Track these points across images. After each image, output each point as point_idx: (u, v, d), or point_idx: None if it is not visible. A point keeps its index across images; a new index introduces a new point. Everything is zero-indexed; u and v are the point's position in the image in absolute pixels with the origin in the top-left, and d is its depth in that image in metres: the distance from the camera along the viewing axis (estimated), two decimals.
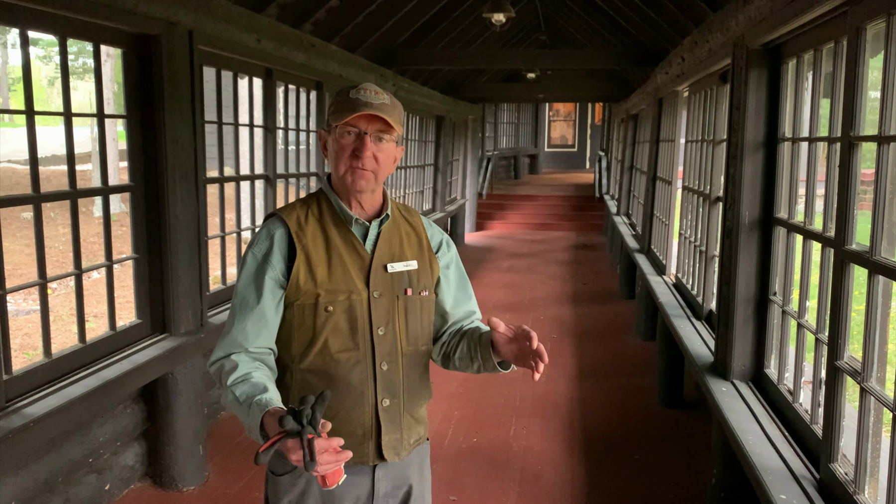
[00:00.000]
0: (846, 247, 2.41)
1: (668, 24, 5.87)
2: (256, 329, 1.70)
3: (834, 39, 2.66)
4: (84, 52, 22.57)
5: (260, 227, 1.80)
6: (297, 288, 1.70)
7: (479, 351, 1.80)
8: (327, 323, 1.70)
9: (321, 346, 1.70)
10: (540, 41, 11.95)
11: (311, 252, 1.72)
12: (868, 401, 2.22)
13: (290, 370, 1.74)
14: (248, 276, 1.73)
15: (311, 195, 1.83)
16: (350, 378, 1.72)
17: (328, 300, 1.70)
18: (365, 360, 1.73)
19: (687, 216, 5.38)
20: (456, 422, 4.78)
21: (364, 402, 1.73)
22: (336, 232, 1.75)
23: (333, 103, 1.74)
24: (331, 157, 1.75)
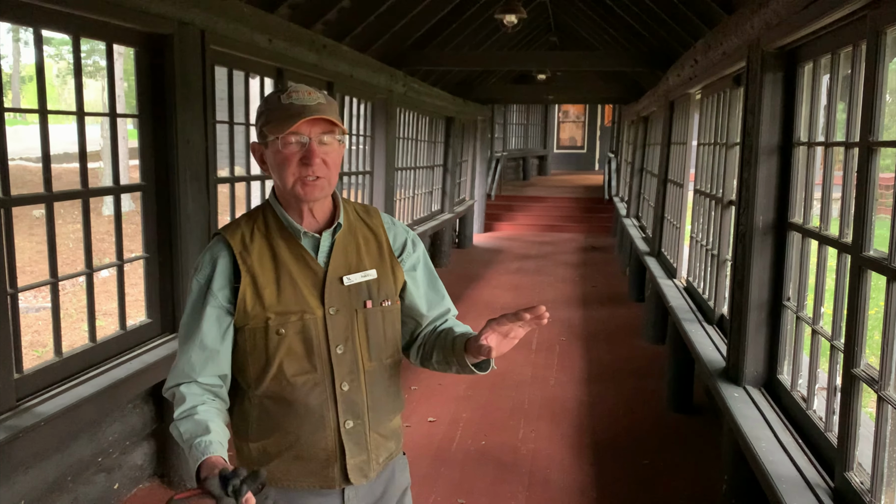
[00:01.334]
0: (863, 253, 2.38)
1: (681, 27, 5.84)
2: (202, 360, 1.63)
3: (852, 43, 2.63)
4: (95, 51, 22.66)
5: (206, 249, 1.68)
6: (245, 313, 1.61)
7: (453, 356, 1.72)
8: (280, 346, 1.61)
9: (276, 370, 1.62)
10: (550, 42, 11.92)
11: (257, 273, 1.62)
12: (885, 409, 2.19)
13: (248, 396, 1.67)
14: (190, 305, 1.65)
15: (257, 208, 1.72)
16: (309, 402, 1.63)
17: (279, 323, 1.61)
18: (323, 382, 1.64)
19: (698, 220, 5.35)
20: (464, 425, 4.76)
21: (325, 425, 1.64)
22: (284, 247, 1.64)
23: (264, 111, 1.61)
24: (273, 170, 1.62)
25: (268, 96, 1.64)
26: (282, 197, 1.67)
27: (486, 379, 5.65)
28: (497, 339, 1.61)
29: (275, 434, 1.65)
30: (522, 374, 5.84)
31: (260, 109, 1.64)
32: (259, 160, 1.68)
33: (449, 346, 1.74)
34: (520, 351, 6.47)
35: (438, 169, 10.87)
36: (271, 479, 1.63)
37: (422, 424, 4.75)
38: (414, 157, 9.20)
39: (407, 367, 6.08)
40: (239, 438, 1.71)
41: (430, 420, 4.82)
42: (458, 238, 12.83)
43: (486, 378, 5.67)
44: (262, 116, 1.62)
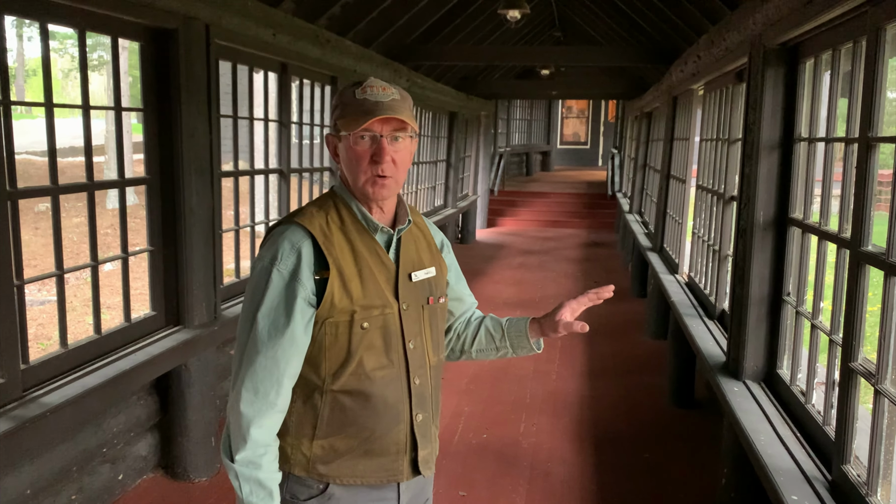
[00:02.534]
0: (862, 248, 2.40)
1: (684, 23, 5.84)
2: (287, 356, 1.56)
3: (853, 39, 2.64)
4: (100, 45, 22.70)
5: (276, 238, 1.62)
6: (332, 305, 1.58)
7: (509, 338, 1.86)
8: (363, 340, 1.61)
9: (356, 364, 1.61)
10: (554, 38, 11.91)
11: (342, 265, 1.59)
12: (882, 403, 2.21)
13: (321, 391, 1.62)
14: (275, 297, 1.56)
15: (325, 199, 1.70)
16: (386, 396, 1.64)
17: (363, 316, 1.60)
18: (400, 377, 1.66)
19: (700, 215, 5.36)
20: (466, 418, 4.79)
21: (400, 419, 1.67)
22: (360, 241, 1.64)
23: (339, 105, 1.62)
24: (345, 164, 1.63)
25: (343, 90, 1.63)
26: (354, 191, 1.66)
27: (488, 373, 5.68)
28: (570, 315, 1.80)
29: (348, 430, 1.63)
30: (524, 368, 5.87)
31: (335, 103, 1.64)
32: (332, 152, 1.67)
33: (498, 332, 1.88)
34: None
35: (442, 164, 10.89)
36: (336, 477, 1.63)
37: None
38: (417, 152, 9.22)
39: None
40: (299, 437, 1.64)
41: None
42: (461, 233, 12.85)
43: (488, 372, 5.70)
44: (337, 110, 1.62)
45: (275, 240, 1.61)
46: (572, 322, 1.78)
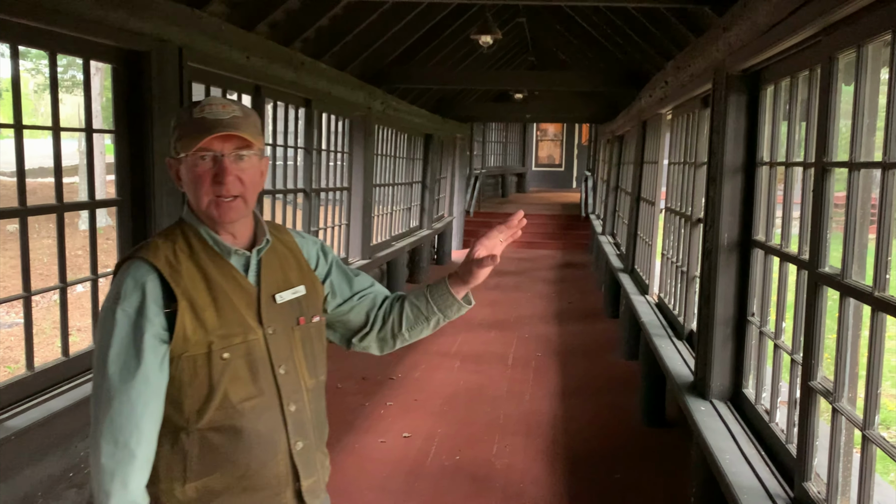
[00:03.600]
0: (819, 269, 2.47)
1: (653, 49, 5.98)
2: (143, 399, 1.46)
3: (809, 67, 2.74)
4: (73, 66, 22.57)
5: (119, 276, 1.52)
6: (185, 339, 1.49)
7: (435, 304, 1.78)
8: (225, 372, 1.52)
9: (221, 398, 1.51)
10: (528, 62, 12.09)
11: (193, 295, 1.51)
12: (839, 421, 2.27)
13: (186, 430, 1.52)
14: (122, 338, 1.47)
15: (173, 229, 1.60)
16: (259, 428, 1.55)
17: (223, 346, 1.52)
18: (272, 405, 1.57)
19: (669, 237, 5.45)
20: (439, 439, 4.79)
21: (277, 449, 1.58)
22: (213, 267, 1.55)
23: (177, 126, 1.54)
24: (187, 187, 1.55)
25: (181, 109, 1.57)
26: (201, 215, 1.58)
27: (463, 394, 5.69)
28: (485, 252, 1.73)
29: (221, 468, 1.54)
30: (499, 388, 5.89)
31: (174, 124, 1.56)
32: (175, 177, 1.58)
33: (422, 301, 1.79)
34: (496, 366, 6.53)
35: (417, 185, 10.94)
36: None
37: (397, 440, 4.77)
38: (392, 174, 9.26)
39: (382, 385, 6.05)
40: (170, 482, 1.53)
41: (405, 435, 4.85)
42: (436, 254, 12.89)
43: (463, 393, 5.71)
44: (176, 131, 1.54)
45: (118, 278, 1.53)
46: (486, 257, 1.71)
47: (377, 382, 5.95)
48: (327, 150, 6.53)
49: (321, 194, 6.40)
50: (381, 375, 6.14)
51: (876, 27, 2.12)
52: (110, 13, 3.09)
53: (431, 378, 6.15)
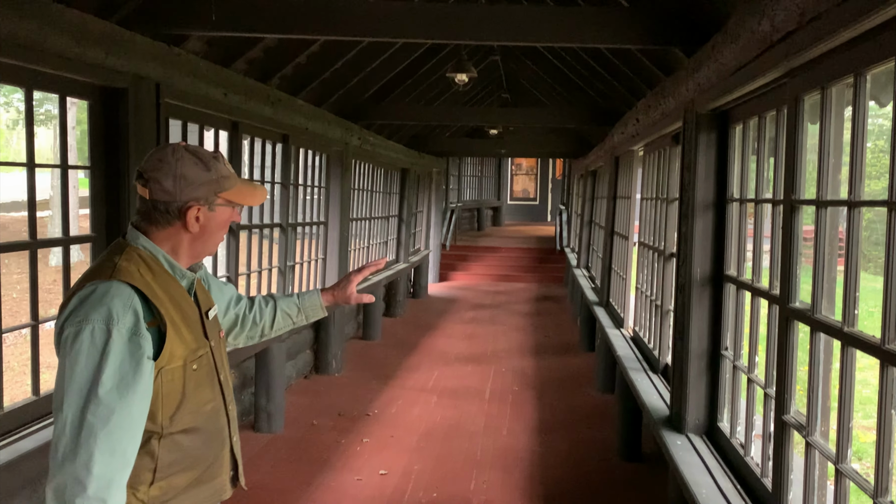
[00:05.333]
0: (790, 304, 2.52)
1: (624, 87, 6.11)
2: (141, 410, 1.60)
3: (776, 108, 2.83)
4: (47, 100, 22.42)
5: (100, 299, 1.60)
6: (171, 354, 1.67)
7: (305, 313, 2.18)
8: (193, 380, 1.73)
9: (191, 403, 1.72)
10: (502, 99, 12.26)
11: (172, 314, 1.69)
12: (813, 454, 2.30)
13: (158, 436, 1.67)
14: (119, 356, 1.56)
15: (129, 254, 1.70)
16: (213, 427, 1.79)
17: (193, 358, 1.73)
18: (220, 406, 1.82)
19: (643, 271, 5.52)
20: (416, 476, 4.74)
21: (225, 444, 1.84)
22: (173, 289, 1.73)
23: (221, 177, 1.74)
24: (210, 230, 1.77)
25: (206, 159, 1.74)
26: (178, 247, 1.76)
27: (440, 430, 5.66)
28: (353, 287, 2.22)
29: (186, 464, 1.72)
30: (476, 424, 5.86)
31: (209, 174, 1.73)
32: (192, 220, 1.72)
33: (294, 310, 2.17)
34: (473, 401, 6.50)
35: (394, 219, 10.97)
36: None
37: (373, 477, 4.72)
38: (369, 208, 9.29)
39: (358, 421, 5.98)
40: (135, 486, 1.64)
41: (382, 473, 4.79)
42: (413, 288, 12.88)
43: (439, 428, 5.67)
44: (222, 181, 1.75)
45: (99, 300, 1.60)
46: (360, 295, 2.21)
47: (353, 419, 5.90)
48: (304, 184, 6.54)
49: (298, 229, 6.40)
50: (358, 411, 6.08)
51: (839, 70, 2.20)
52: (88, 50, 3.10)
53: (408, 413, 6.11)
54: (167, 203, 1.71)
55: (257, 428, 5.51)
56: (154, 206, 1.71)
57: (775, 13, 2.36)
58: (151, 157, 1.73)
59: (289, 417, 5.73)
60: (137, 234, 1.74)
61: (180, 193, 1.70)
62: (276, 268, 5.88)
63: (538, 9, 4.90)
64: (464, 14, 4.03)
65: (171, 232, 1.74)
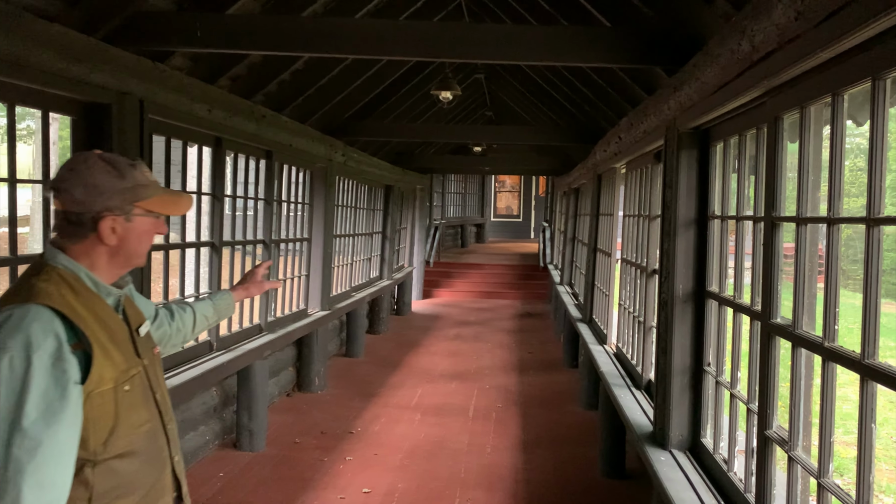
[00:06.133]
0: (772, 320, 2.55)
1: (607, 105, 6.18)
2: (72, 438, 1.52)
3: (756, 126, 2.87)
4: (28, 115, 22.23)
5: (17, 324, 1.51)
6: (100, 378, 1.58)
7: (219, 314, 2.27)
8: (125, 402, 1.64)
9: (125, 426, 1.64)
10: (486, 117, 12.35)
11: (99, 336, 1.61)
12: (795, 469, 2.32)
13: (92, 463, 1.58)
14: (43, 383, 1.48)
15: (48, 273, 1.62)
16: (152, 448, 1.72)
17: (124, 379, 1.65)
18: (158, 426, 1.76)
19: (626, 287, 5.55)
20: (399, 495, 4.71)
21: (165, 465, 1.77)
22: (99, 308, 1.65)
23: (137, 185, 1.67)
24: (132, 242, 1.68)
25: (121, 167, 1.66)
26: (97, 261, 1.67)
27: (423, 449, 5.63)
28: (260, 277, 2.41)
29: (124, 490, 1.63)
30: (459, 441, 5.84)
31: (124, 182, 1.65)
32: (108, 231, 1.64)
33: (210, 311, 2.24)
34: (457, 418, 6.48)
35: (377, 236, 10.97)
36: None
37: (357, 496, 4.68)
38: (353, 225, 9.28)
39: (342, 439, 5.94)
40: None
41: (365, 491, 4.76)
42: (396, 305, 12.85)
43: (423, 446, 5.64)
44: (137, 190, 1.67)
45: (16, 327, 1.51)
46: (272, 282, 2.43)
47: (336, 437, 5.85)
48: (288, 200, 6.53)
49: (281, 245, 6.37)
50: (341, 429, 6.04)
51: (817, 90, 2.25)
52: (72, 66, 3.09)
53: (392, 431, 6.07)
54: (79, 214, 1.62)
55: (239, 446, 5.45)
56: (66, 218, 1.63)
57: (755, 34, 2.40)
58: (64, 166, 1.65)
59: (271, 435, 5.68)
60: (55, 252, 1.65)
61: (92, 203, 1.61)
62: None
63: (522, 28, 4.96)
64: (448, 32, 4.06)
65: (88, 245, 1.65)
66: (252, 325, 5.70)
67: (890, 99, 1.93)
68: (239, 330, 5.45)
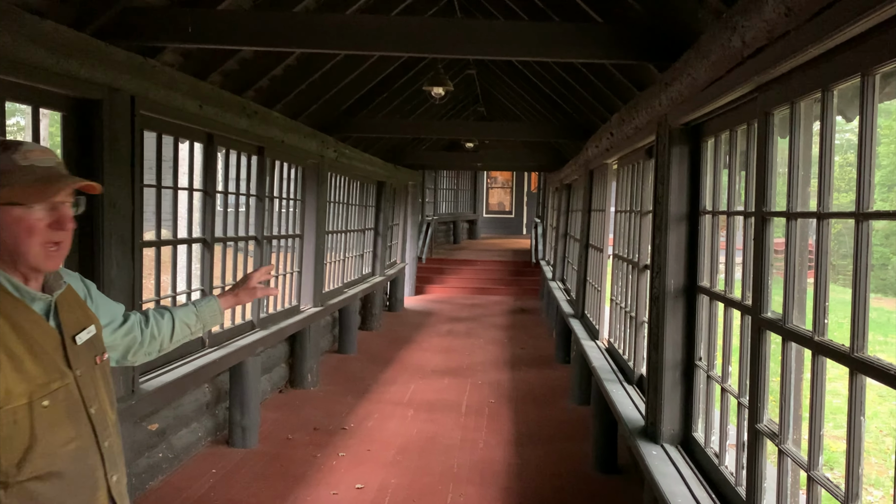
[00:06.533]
0: (762, 315, 2.56)
1: (598, 101, 6.19)
2: None
3: (747, 122, 2.88)
4: (17, 111, 22.09)
5: None
6: (8, 393, 1.44)
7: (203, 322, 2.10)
8: (45, 419, 1.49)
9: (43, 446, 1.48)
10: (478, 113, 12.35)
11: (9, 347, 1.46)
12: (786, 462, 2.34)
13: (4, 485, 1.44)
14: None
15: None
16: (80, 469, 1.56)
17: (42, 394, 1.49)
18: (90, 445, 1.59)
19: (618, 283, 5.57)
20: (392, 491, 4.72)
21: (98, 486, 1.61)
22: (18, 315, 1.51)
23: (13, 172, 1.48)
24: (12, 237, 1.49)
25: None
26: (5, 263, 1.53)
27: (416, 444, 5.63)
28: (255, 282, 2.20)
29: None
30: (452, 437, 5.85)
31: None
32: None
33: (192, 319, 2.08)
34: (450, 414, 6.49)
35: (370, 232, 10.96)
36: None
37: (349, 492, 4.69)
38: (345, 221, 9.27)
39: (334, 435, 5.94)
40: None
41: (358, 487, 4.76)
42: (389, 301, 12.85)
43: (416, 444, 5.65)
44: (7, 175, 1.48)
45: None
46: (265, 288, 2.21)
47: (329, 433, 5.86)
48: (279, 197, 6.52)
49: (273, 241, 6.36)
50: (333, 426, 6.04)
51: (807, 86, 2.26)
52: (62, 62, 3.07)
53: (384, 427, 6.08)
54: None
55: (232, 443, 5.45)
56: None
57: (746, 30, 2.41)
58: None
59: (264, 432, 5.68)
60: None
61: None
62: None
63: (513, 24, 4.96)
64: (439, 28, 4.06)
65: None
66: (244, 321, 5.69)
67: (879, 94, 1.94)
68: (231, 326, 5.44)
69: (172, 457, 4.93)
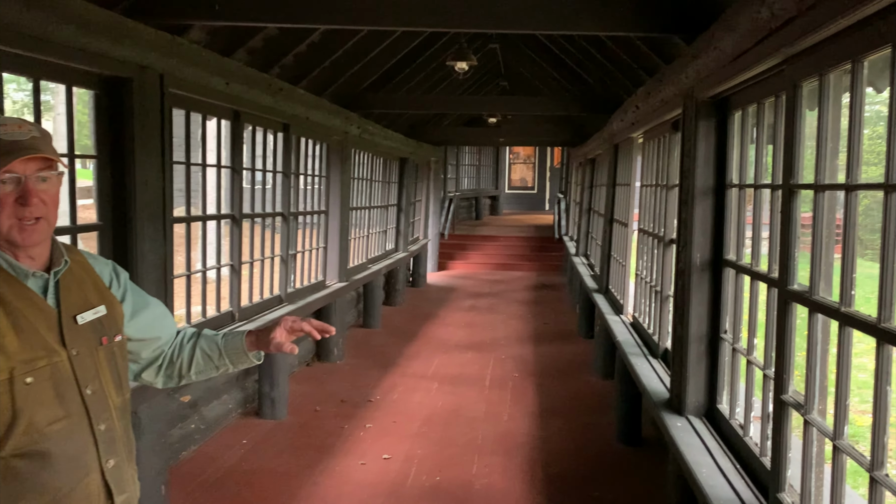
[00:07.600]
0: (789, 287, 2.57)
1: (623, 75, 6.14)
2: None
3: (774, 94, 2.86)
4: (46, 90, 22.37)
5: None
6: None
7: (227, 356, 1.90)
8: (29, 396, 1.47)
9: (26, 423, 1.46)
10: (501, 87, 12.27)
11: None
12: (811, 432, 2.36)
13: None
14: None
15: None
16: (67, 450, 1.52)
17: (26, 370, 1.47)
18: (81, 426, 1.55)
19: (643, 257, 5.56)
20: (419, 461, 4.81)
21: (89, 469, 1.56)
22: (10, 291, 1.51)
23: None
24: None
25: None
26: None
27: (440, 416, 5.72)
28: (285, 336, 1.89)
29: (28, 496, 1.48)
30: (476, 410, 5.92)
31: None
32: None
33: (215, 352, 1.90)
34: (473, 387, 6.56)
35: (393, 208, 11.00)
36: None
37: (376, 462, 4.78)
38: (368, 197, 9.32)
39: (361, 407, 6.04)
40: None
41: (385, 457, 4.86)
42: (412, 277, 12.93)
43: (440, 415, 5.73)
44: None
45: None
46: (283, 343, 1.87)
47: (355, 405, 5.96)
48: (305, 173, 6.58)
49: (299, 218, 6.43)
50: (360, 398, 6.14)
51: (837, 57, 2.24)
52: (93, 41, 3.12)
53: (409, 400, 6.17)
54: None
55: (261, 414, 5.57)
56: None
57: (774, 1, 2.39)
58: None
59: (292, 404, 5.79)
60: None
61: None
62: (278, 256, 5.92)
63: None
64: (463, 2, 4.05)
65: None
66: (272, 295, 5.78)
67: None
68: (260, 301, 5.53)
69: (204, 427, 5.06)
